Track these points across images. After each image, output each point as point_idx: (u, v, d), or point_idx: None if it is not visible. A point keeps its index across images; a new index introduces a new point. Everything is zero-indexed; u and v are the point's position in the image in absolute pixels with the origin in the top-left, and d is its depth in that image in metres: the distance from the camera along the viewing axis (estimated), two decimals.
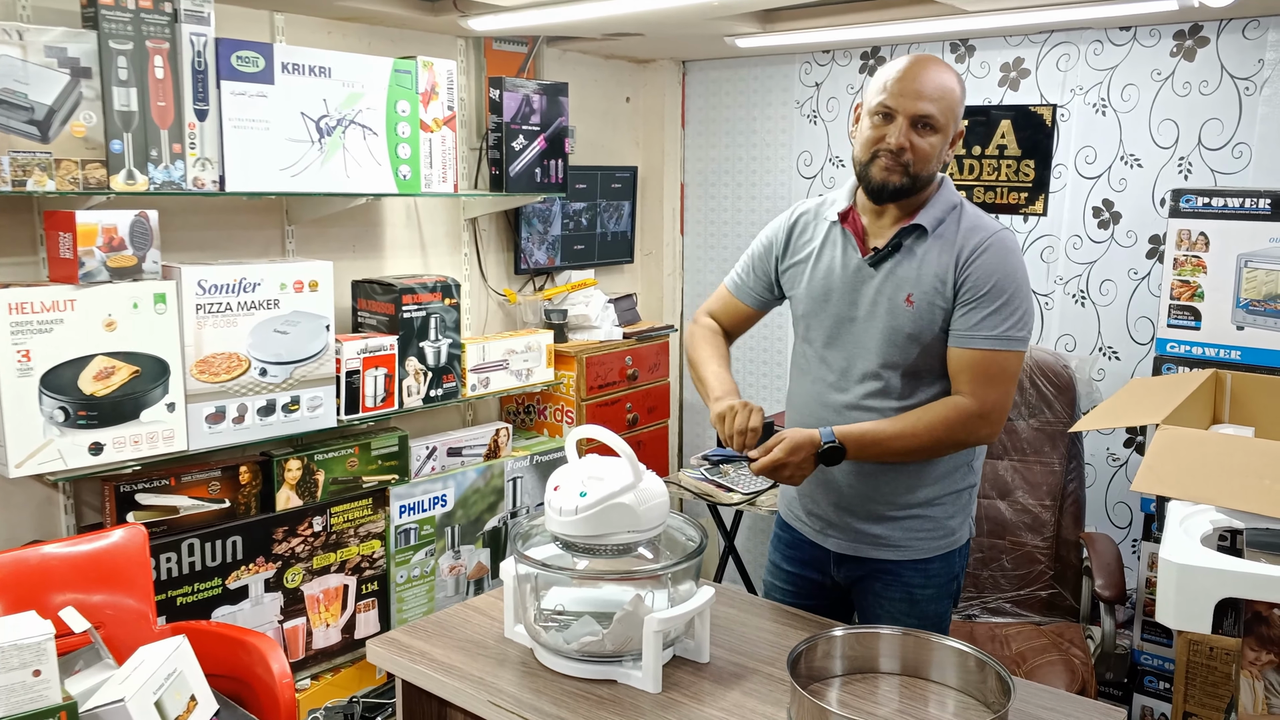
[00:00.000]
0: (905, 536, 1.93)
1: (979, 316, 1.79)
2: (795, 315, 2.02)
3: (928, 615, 1.95)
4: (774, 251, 2.04)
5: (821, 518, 1.99)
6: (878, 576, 1.96)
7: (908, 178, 1.80)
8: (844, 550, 1.98)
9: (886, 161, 1.79)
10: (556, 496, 1.66)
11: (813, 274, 1.95)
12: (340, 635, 2.83)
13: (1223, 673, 2.37)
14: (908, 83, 1.78)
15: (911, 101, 1.78)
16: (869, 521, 1.93)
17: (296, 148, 2.53)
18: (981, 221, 1.85)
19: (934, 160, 1.81)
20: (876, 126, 1.81)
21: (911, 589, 1.95)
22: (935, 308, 1.82)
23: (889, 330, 1.84)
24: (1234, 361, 2.59)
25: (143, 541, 2.22)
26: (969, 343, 1.80)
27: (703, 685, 1.64)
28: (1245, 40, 2.81)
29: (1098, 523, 3.20)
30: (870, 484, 1.91)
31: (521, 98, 3.14)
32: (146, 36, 2.24)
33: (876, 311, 1.86)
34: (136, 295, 2.27)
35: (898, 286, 1.84)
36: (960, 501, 1.95)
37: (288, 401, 2.56)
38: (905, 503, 1.91)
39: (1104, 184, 3.11)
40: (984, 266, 1.79)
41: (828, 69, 3.64)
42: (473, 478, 3.11)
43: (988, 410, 1.80)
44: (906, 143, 1.78)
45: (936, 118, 1.79)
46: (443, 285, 2.90)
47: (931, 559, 1.94)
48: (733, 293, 2.13)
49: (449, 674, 1.68)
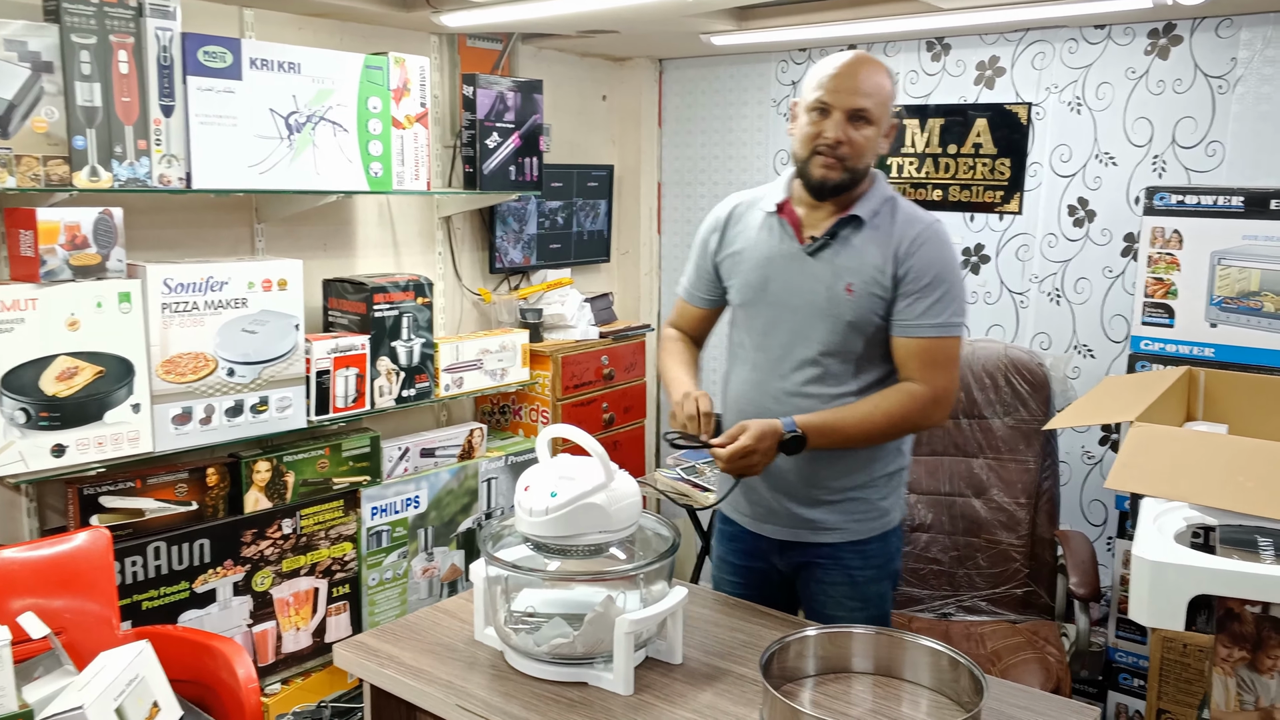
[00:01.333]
0: (842, 519, 1.97)
1: (923, 306, 1.85)
2: (733, 305, 2.05)
3: (869, 597, 2.00)
4: (711, 245, 2.07)
5: (762, 505, 2.02)
6: (818, 562, 2.01)
7: (846, 173, 1.86)
8: (785, 537, 2.02)
9: (825, 159, 1.86)
10: (527, 497, 1.64)
11: (750, 262, 1.98)
12: (311, 639, 2.80)
13: (1196, 669, 2.37)
14: (843, 79, 1.85)
15: (847, 96, 1.84)
16: (807, 506, 1.97)
17: (265, 144, 2.50)
18: (916, 214, 1.92)
19: (869, 153, 1.88)
20: (814, 122, 1.87)
21: (851, 571, 1.99)
22: (874, 297, 1.87)
23: (829, 318, 1.89)
24: (1207, 359, 2.60)
25: (106, 545, 2.18)
26: (916, 331, 1.86)
27: (675, 686, 1.62)
28: (1218, 39, 2.82)
29: (1073, 520, 3.21)
30: (808, 469, 1.94)
31: (495, 95, 3.11)
32: (110, 31, 2.20)
33: (816, 300, 1.90)
34: (100, 294, 2.23)
35: (837, 275, 1.89)
36: (892, 484, 2.01)
37: (256, 402, 2.53)
38: (841, 486, 1.95)
39: (1079, 182, 3.11)
40: (924, 258, 1.86)
41: (804, 67, 3.63)
42: (446, 479, 3.08)
43: (940, 395, 1.87)
44: (844, 136, 1.84)
45: (871, 111, 1.85)
46: (415, 284, 2.87)
47: (868, 540, 1.99)
48: (684, 299, 2.17)
49: (417, 678, 1.66)
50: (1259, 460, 1.72)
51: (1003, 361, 2.75)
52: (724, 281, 2.06)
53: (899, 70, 3.42)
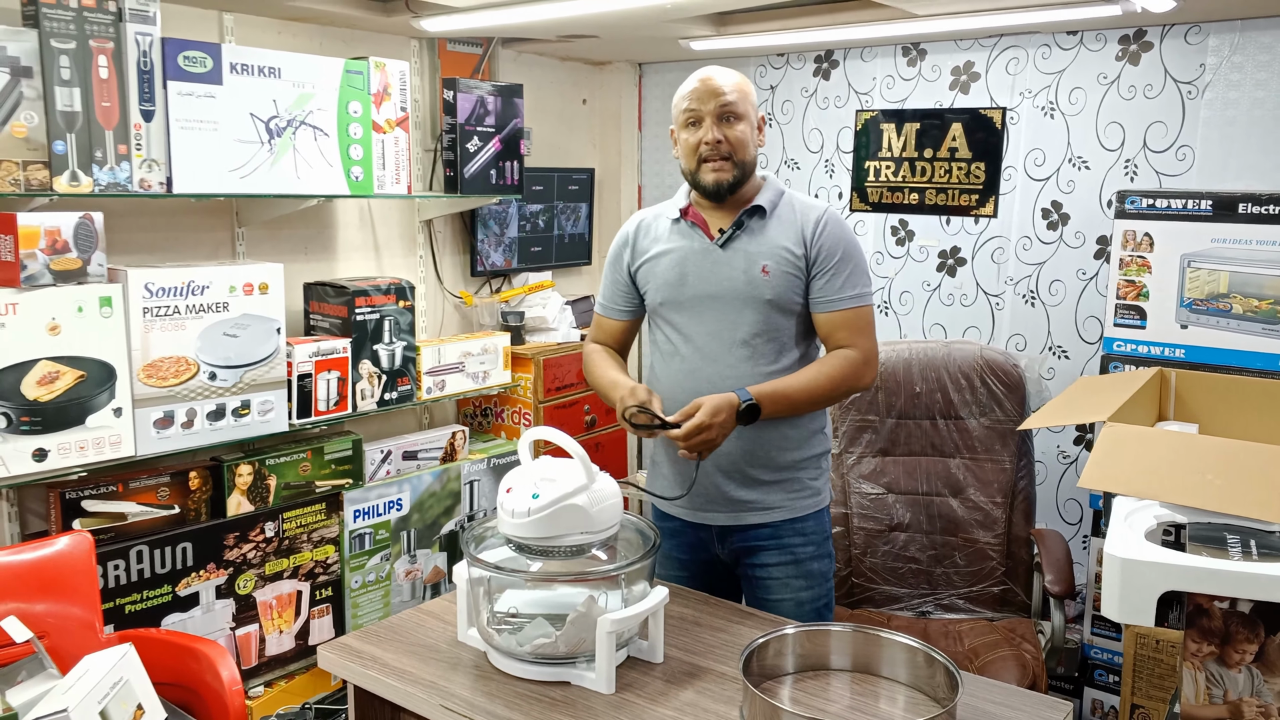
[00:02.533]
0: (780, 499, 2.06)
1: (839, 281, 2.00)
2: (653, 306, 2.13)
3: (813, 573, 2.10)
4: (624, 259, 2.17)
5: (700, 495, 2.07)
6: (760, 545, 2.08)
7: (736, 169, 1.99)
8: (725, 522, 2.08)
9: (714, 163, 1.98)
10: (509, 499, 1.65)
11: (665, 264, 2.08)
12: (294, 642, 2.80)
13: (1169, 665, 2.41)
14: (702, 87, 1.98)
15: (710, 99, 1.97)
16: (745, 488, 2.05)
17: (246, 149, 2.50)
18: (811, 201, 2.08)
19: (749, 145, 2.01)
20: (691, 133, 2.00)
21: (794, 549, 2.08)
22: (789, 276, 2.00)
23: (751, 299, 2.00)
24: (1178, 360, 2.64)
25: (89, 549, 2.18)
26: (839, 305, 2.01)
27: (656, 685, 1.64)
28: (1187, 45, 2.87)
29: (1049, 519, 3.25)
30: (743, 452, 2.03)
31: (476, 99, 3.12)
32: (90, 36, 2.20)
33: (735, 284, 2.01)
34: (81, 299, 2.23)
35: (751, 260, 2.01)
36: (821, 465, 2.13)
37: (238, 405, 2.53)
38: (777, 464, 2.05)
39: (1053, 186, 3.16)
40: (831, 238, 2.01)
41: (782, 72, 3.66)
42: (429, 481, 3.09)
43: (869, 357, 2.03)
44: (720, 135, 1.97)
45: (736, 105, 1.98)
46: (397, 288, 2.88)
47: (805, 517, 2.09)
48: (602, 314, 2.25)
49: (401, 679, 1.67)
50: (1228, 459, 1.75)
51: (978, 363, 2.79)
52: (641, 289, 2.15)
53: (875, 75, 3.45)
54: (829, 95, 3.58)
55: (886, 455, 2.84)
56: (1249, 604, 1.42)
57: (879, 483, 2.83)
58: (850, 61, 3.52)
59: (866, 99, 3.49)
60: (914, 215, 3.44)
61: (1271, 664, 1.42)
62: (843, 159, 3.58)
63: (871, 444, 2.84)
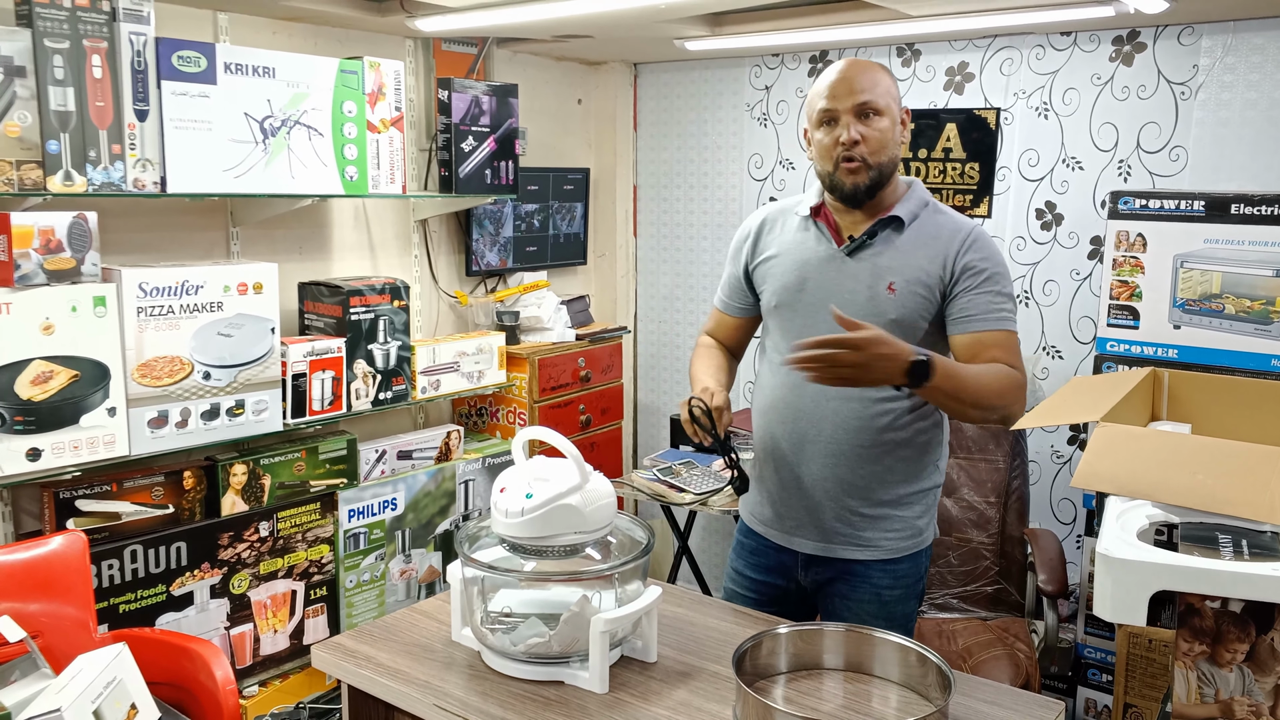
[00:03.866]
0: (876, 535, 1.93)
1: (987, 298, 1.82)
2: (767, 309, 2.00)
3: (895, 616, 1.96)
4: (744, 254, 2.05)
5: (791, 518, 1.98)
6: (845, 579, 1.96)
7: (872, 171, 1.84)
8: (814, 551, 1.97)
9: (849, 165, 1.83)
10: (503, 498, 1.65)
11: (786, 266, 1.95)
12: (289, 641, 2.80)
13: (1161, 664, 2.42)
14: (839, 84, 1.84)
15: (847, 97, 1.83)
16: (840, 520, 1.93)
17: (240, 148, 2.50)
18: (960, 217, 1.91)
19: (889, 145, 1.85)
20: (827, 133, 1.86)
21: (880, 590, 1.95)
22: (919, 297, 1.84)
23: (871, 317, 1.78)
24: (1171, 360, 2.65)
25: (82, 548, 2.18)
26: (989, 324, 1.82)
27: (650, 684, 1.64)
28: (1180, 46, 2.88)
29: (1042, 519, 3.26)
30: (846, 478, 1.91)
31: (471, 99, 3.12)
32: (83, 35, 2.20)
33: (856, 299, 1.86)
34: (75, 298, 2.23)
35: (878, 275, 1.86)
36: (927, 501, 1.97)
37: (232, 405, 2.53)
38: (876, 499, 1.92)
39: (1046, 186, 3.16)
40: (981, 253, 1.84)
41: (777, 72, 3.67)
42: (423, 481, 3.09)
43: (1025, 383, 1.83)
44: (857, 134, 1.82)
45: (876, 102, 1.84)
46: (392, 287, 2.88)
47: (900, 559, 1.95)
48: (719, 309, 2.15)
49: (395, 678, 1.67)
50: (1220, 459, 1.76)
51: None
52: (757, 288, 2.02)
53: None
54: None
55: None
56: (1240, 603, 1.43)
57: None
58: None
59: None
60: None
61: (1262, 663, 1.43)
62: None
63: None
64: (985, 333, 1.82)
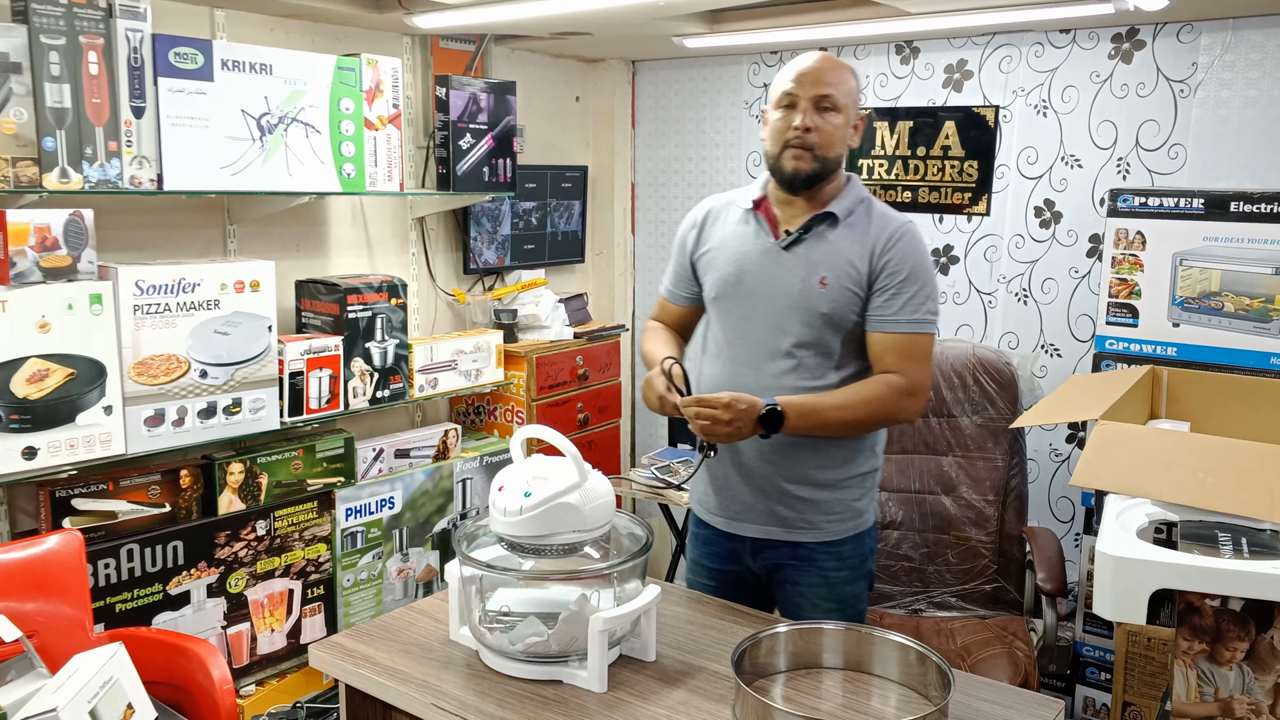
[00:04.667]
0: (817, 518, 2.00)
1: (900, 302, 1.90)
2: (708, 300, 2.07)
3: (844, 597, 2.03)
4: (689, 244, 2.11)
5: (737, 503, 2.04)
6: (792, 563, 2.03)
7: (816, 162, 1.90)
8: (759, 535, 2.03)
9: (796, 150, 1.90)
10: (501, 497, 1.65)
11: (725, 258, 2.02)
12: (286, 640, 2.79)
13: (1160, 663, 2.42)
14: (807, 73, 1.91)
15: (811, 86, 1.90)
16: (782, 505, 1.99)
17: (237, 146, 2.49)
18: (890, 214, 1.98)
19: (838, 142, 1.92)
20: (783, 116, 1.93)
21: (826, 572, 2.02)
22: (848, 291, 1.91)
23: (803, 310, 1.91)
24: (1170, 358, 2.65)
25: (78, 547, 2.17)
26: (894, 326, 1.91)
27: (648, 684, 1.64)
28: (1180, 44, 2.88)
29: (1041, 517, 3.25)
30: (781, 465, 1.97)
31: (469, 96, 3.12)
32: (80, 32, 2.19)
33: (790, 292, 1.93)
34: (71, 296, 2.22)
35: (811, 269, 1.92)
36: (865, 485, 2.04)
37: (229, 404, 2.52)
38: (816, 483, 1.98)
39: (1045, 184, 3.16)
40: (900, 254, 1.91)
41: (775, 70, 3.65)
42: (421, 479, 3.08)
43: (915, 387, 1.90)
44: (811, 123, 1.89)
45: (837, 99, 1.91)
46: (389, 285, 2.88)
47: (842, 541, 2.02)
48: (665, 297, 2.21)
49: (392, 677, 1.66)
50: (1219, 457, 1.76)
51: (971, 361, 2.79)
52: (700, 278, 2.09)
53: (868, 73, 3.45)
54: None
55: None
56: (1240, 602, 1.43)
57: None
58: (843, 59, 3.51)
59: (860, 96, 3.49)
60: (908, 213, 3.43)
61: (1262, 661, 1.43)
62: None
63: None
64: (889, 335, 1.91)
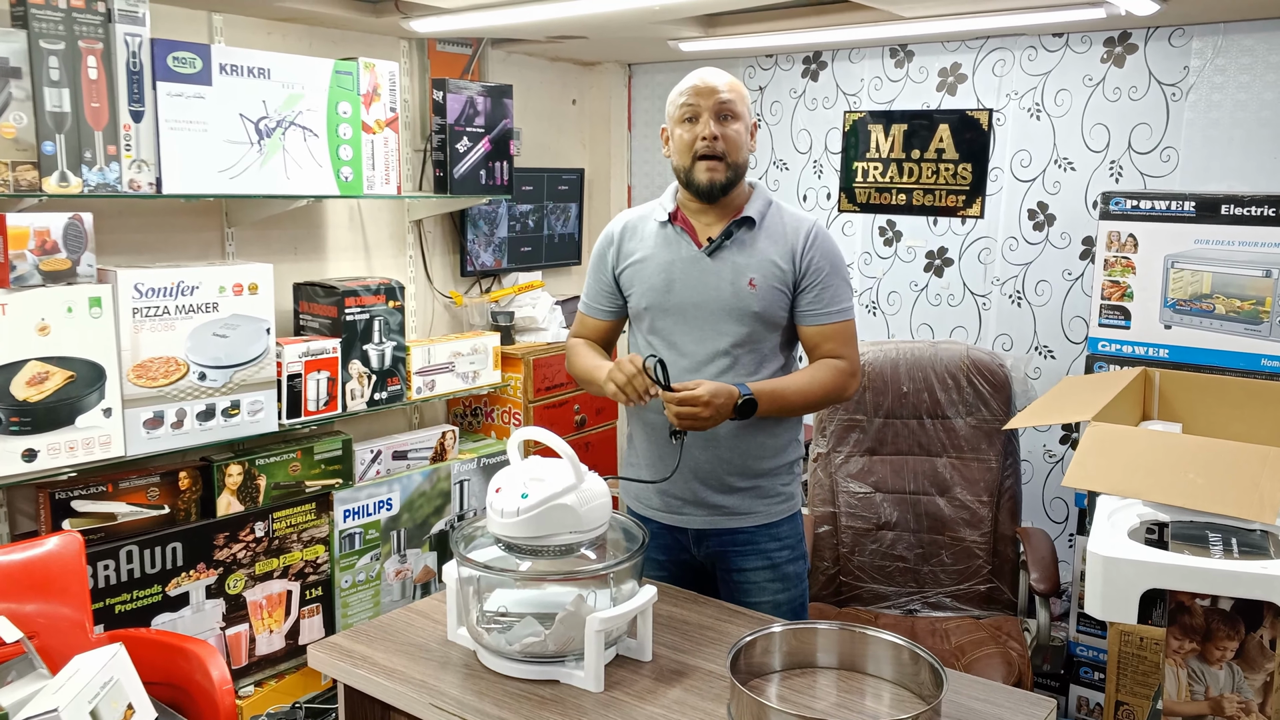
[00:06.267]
0: (755, 504, 2.09)
1: (829, 295, 2.03)
2: (636, 310, 2.12)
3: (789, 576, 2.13)
4: (608, 260, 2.15)
5: (675, 498, 2.09)
6: (735, 549, 2.11)
7: (730, 170, 1.99)
8: (703, 526, 2.10)
9: (707, 161, 1.98)
10: (498, 498, 1.66)
11: (652, 269, 2.07)
12: (284, 641, 2.80)
13: (1152, 662, 2.44)
14: (701, 85, 1.99)
15: (709, 96, 1.98)
16: (721, 493, 2.07)
17: (235, 149, 2.51)
18: (799, 213, 2.09)
19: (743, 147, 2.01)
20: (688, 129, 2.00)
21: (769, 553, 2.10)
22: (776, 290, 2.01)
23: (736, 311, 2.00)
24: (1162, 360, 2.67)
25: (78, 549, 2.18)
26: (826, 318, 2.04)
27: (645, 683, 1.65)
28: (1171, 48, 2.90)
29: (1035, 518, 3.27)
30: (721, 460, 2.05)
31: (465, 99, 3.13)
32: (79, 36, 2.20)
33: (721, 295, 2.01)
34: (70, 299, 2.24)
35: (739, 272, 2.01)
36: (794, 471, 2.15)
37: (227, 406, 2.54)
38: (753, 472, 2.07)
39: (1039, 187, 3.18)
40: (819, 253, 2.03)
41: (771, 73, 3.68)
42: (419, 481, 3.09)
43: (856, 368, 2.07)
44: (717, 131, 1.96)
45: (735, 104, 1.99)
46: (386, 288, 2.89)
47: (780, 522, 2.12)
48: (585, 313, 2.25)
49: (391, 678, 1.68)
50: (1210, 458, 1.77)
51: (965, 362, 2.81)
52: (624, 292, 2.14)
53: (863, 76, 3.47)
54: (817, 96, 3.60)
55: (874, 454, 2.86)
56: (1230, 601, 1.44)
57: (866, 482, 2.85)
58: (838, 63, 3.54)
59: (854, 100, 3.51)
60: (901, 216, 3.47)
61: (1251, 660, 1.44)
62: (831, 160, 3.60)
63: (859, 443, 2.86)
64: (826, 326, 2.04)
